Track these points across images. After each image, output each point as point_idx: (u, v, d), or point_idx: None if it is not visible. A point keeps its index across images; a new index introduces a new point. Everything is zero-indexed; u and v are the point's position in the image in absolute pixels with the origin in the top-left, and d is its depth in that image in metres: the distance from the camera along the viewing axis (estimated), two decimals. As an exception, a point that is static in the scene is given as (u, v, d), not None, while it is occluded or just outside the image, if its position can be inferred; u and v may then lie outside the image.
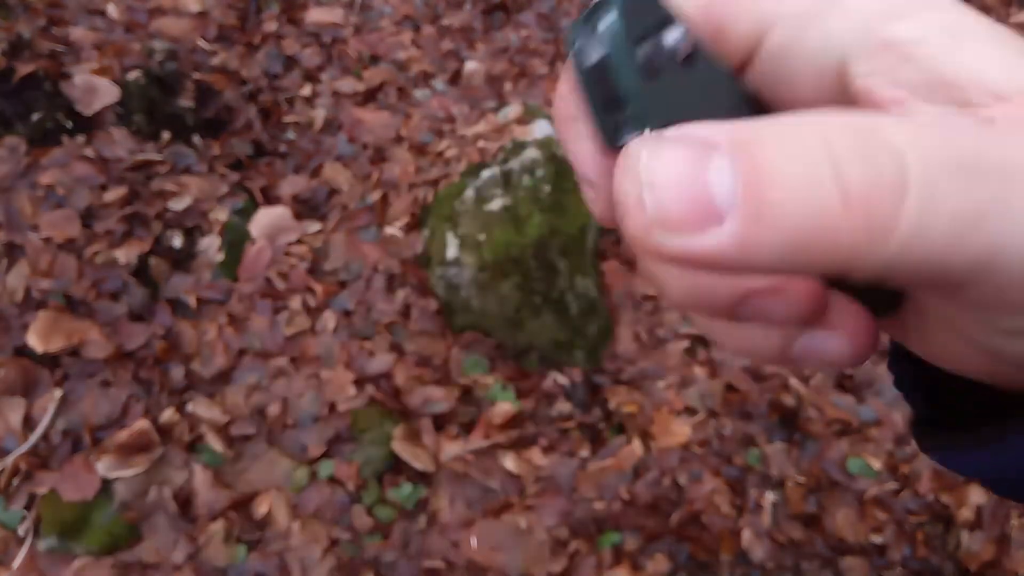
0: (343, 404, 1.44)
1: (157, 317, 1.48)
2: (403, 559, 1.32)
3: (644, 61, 0.17)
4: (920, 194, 0.14)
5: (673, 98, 0.17)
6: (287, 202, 1.76)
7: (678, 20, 0.18)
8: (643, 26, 0.17)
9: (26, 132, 1.56)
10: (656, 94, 0.17)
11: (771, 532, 1.38)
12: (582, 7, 2.43)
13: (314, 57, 2.12)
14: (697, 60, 0.18)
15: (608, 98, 0.18)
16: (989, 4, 2.33)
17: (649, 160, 0.15)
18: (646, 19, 0.17)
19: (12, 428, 1.30)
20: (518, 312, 1.56)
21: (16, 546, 1.23)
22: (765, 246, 0.14)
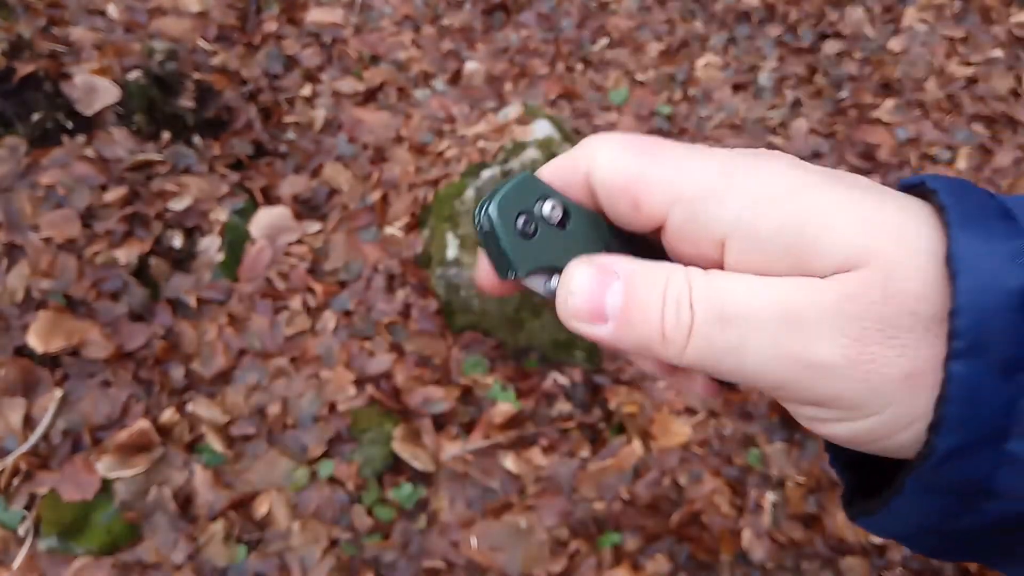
0: (343, 404, 1.44)
1: (157, 317, 1.48)
2: (403, 559, 1.32)
3: (521, 228, 0.27)
4: (697, 335, 0.24)
5: (548, 248, 0.27)
6: (287, 202, 1.76)
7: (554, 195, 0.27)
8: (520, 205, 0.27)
9: (26, 132, 1.56)
10: (531, 248, 0.27)
11: (771, 532, 1.38)
12: (581, 7, 2.43)
13: (314, 57, 2.12)
14: (570, 219, 0.28)
15: (498, 252, 0.27)
16: (989, 4, 2.33)
17: (577, 277, 0.26)
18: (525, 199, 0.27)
19: (12, 428, 1.30)
20: (518, 312, 1.56)
21: (16, 546, 1.23)
22: (626, 342, 0.25)
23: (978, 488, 0.22)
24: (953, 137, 2.05)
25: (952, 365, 0.20)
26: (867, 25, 2.34)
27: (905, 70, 2.21)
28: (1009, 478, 0.21)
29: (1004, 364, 0.20)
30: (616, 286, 0.25)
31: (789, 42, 2.33)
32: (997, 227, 0.21)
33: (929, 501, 0.23)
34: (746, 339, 0.23)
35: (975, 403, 0.21)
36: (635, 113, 2.12)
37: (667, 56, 2.31)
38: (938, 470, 0.22)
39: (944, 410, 0.21)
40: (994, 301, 0.20)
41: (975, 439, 0.21)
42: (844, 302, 0.22)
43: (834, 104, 2.16)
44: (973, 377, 0.20)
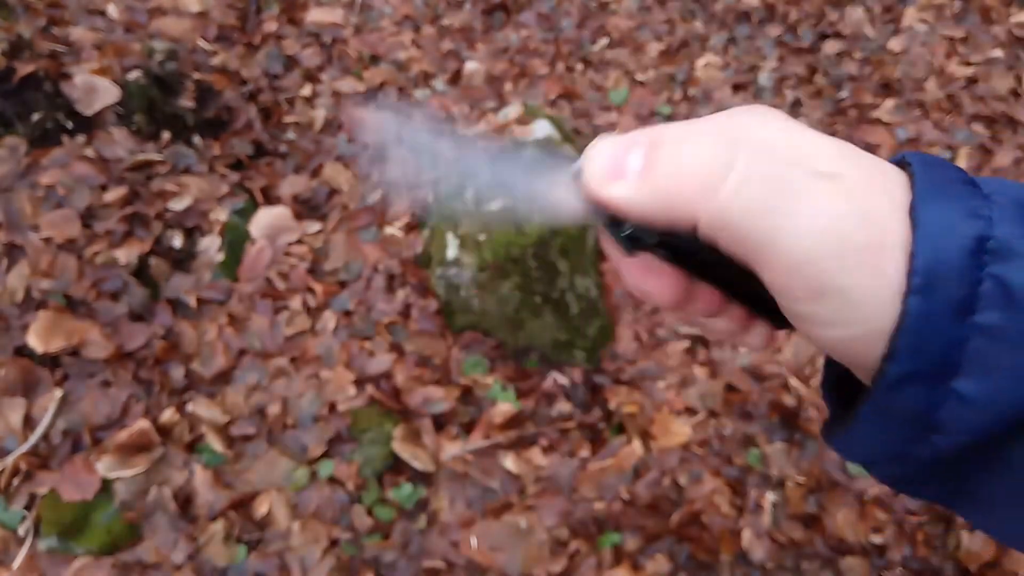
0: (343, 404, 1.44)
1: (157, 317, 1.48)
2: (403, 559, 1.32)
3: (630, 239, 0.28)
4: (738, 177, 0.24)
5: None
6: (287, 202, 1.76)
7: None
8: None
9: (26, 132, 1.56)
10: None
11: (771, 532, 1.38)
12: (581, 7, 2.43)
13: (314, 57, 2.12)
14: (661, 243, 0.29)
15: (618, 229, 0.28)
16: (989, 4, 2.33)
17: (600, 144, 0.27)
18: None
19: (12, 428, 1.30)
20: (518, 312, 1.56)
21: (16, 546, 1.23)
22: (645, 194, 0.26)
23: (924, 421, 0.23)
24: (953, 137, 2.05)
25: (909, 300, 0.22)
26: (867, 25, 2.34)
27: (905, 70, 2.21)
28: (952, 413, 0.23)
29: (956, 305, 0.22)
30: (637, 149, 0.26)
31: (789, 42, 2.33)
32: (958, 189, 0.24)
33: (882, 428, 0.25)
34: (792, 201, 0.23)
35: (926, 336, 0.22)
36: (635, 113, 2.12)
37: (667, 56, 2.30)
38: (888, 396, 0.24)
39: (898, 340, 0.23)
40: (948, 246, 0.22)
41: (923, 371, 0.23)
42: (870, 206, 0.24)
43: (834, 104, 2.16)
44: (926, 312, 0.22)
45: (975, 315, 0.22)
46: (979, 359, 0.22)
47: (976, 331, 0.22)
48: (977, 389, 0.22)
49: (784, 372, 1.58)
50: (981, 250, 0.22)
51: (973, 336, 0.22)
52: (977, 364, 0.22)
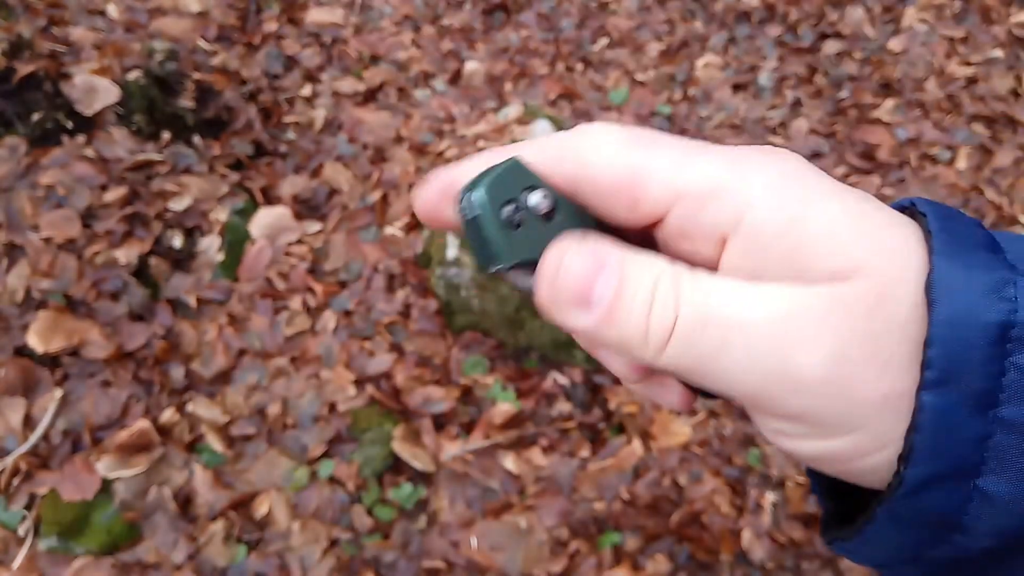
0: (343, 404, 1.44)
1: (157, 317, 1.48)
2: (403, 559, 1.32)
3: (506, 217, 0.25)
4: (678, 337, 0.23)
5: (533, 240, 0.25)
6: (287, 202, 1.76)
7: (542, 185, 0.25)
8: (507, 194, 0.25)
9: (26, 132, 1.56)
10: (516, 239, 0.25)
11: (771, 532, 1.38)
12: (581, 7, 2.43)
13: (314, 57, 2.12)
14: (558, 212, 0.26)
15: (481, 242, 0.25)
16: (989, 4, 2.33)
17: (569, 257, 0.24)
18: (512, 187, 0.25)
19: (12, 428, 1.30)
20: (518, 312, 1.56)
21: (16, 546, 1.23)
22: (606, 336, 0.24)
23: (948, 523, 0.21)
24: (953, 137, 2.05)
25: (923, 395, 0.20)
26: (867, 25, 2.34)
27: (905, 70, 2.21)
28: (979, 514, 0.21)
29: (977, 398, 0.20)
30: (608, 274, 0.24)
31: (789, 42, 2.33)
32: (980, 258, 0.21)
33: (900, 532, 0.23)
34: (727, 344, 0.22)
35: (945, 435, 0.20)
36: (635, 113, 2.12)
37: (667, 56, 2.31)
38: (908, 501, 0.21)
39: (914, 440, 0.21)
40: (969, 334, 0.20)
41: (945, 472, 0.21)
42: (833, 310, 0.21)
43: (834, 104, 2.16)
44: (944, 408, 0.20)
45: (998, 408, 0.20)
46: (1004, 455, 0.20)
47: (999, 426, 0.20)
48: (1004, 488, 0.20)
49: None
50: (1005, 338, 0.20)
51: (996, 431, 0.20)
52: (1002, 461, 0.20)
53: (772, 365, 0.22)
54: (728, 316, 0.22)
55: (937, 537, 0.22)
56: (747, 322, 0.22)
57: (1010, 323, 0.20)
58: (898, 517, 0.22)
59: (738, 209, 0.23)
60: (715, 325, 0.22)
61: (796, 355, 0.21)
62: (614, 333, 0.24)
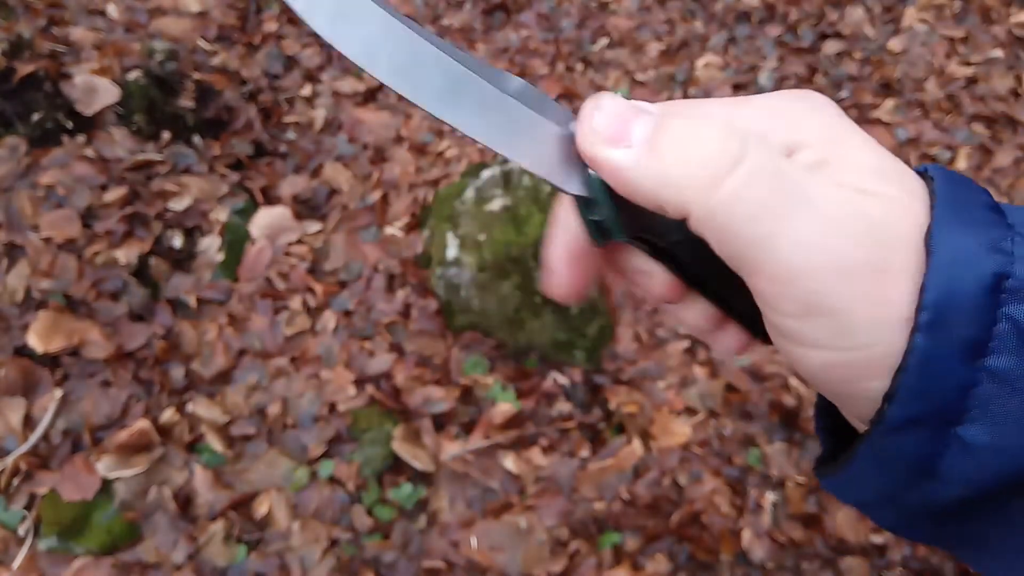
0: (343, 404, 1.44)
1: (157, 317, 1.48)
2: (403, 559, 1.32)
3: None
4: (744, 173, 0.22)
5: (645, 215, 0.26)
6: (287, 202, 1.76)
7: None
8: None
9: (26, 132, 1.56)
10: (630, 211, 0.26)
11: (771, 532, 1.38)
12: (581, 7, 2.43)
13: (314, 57, 2.12)
14: None
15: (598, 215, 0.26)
16: (989, 4, 2.33)
17: (608, 98, 0.25)
18: None
19: (12, 428, 1.30)
20: (518, 312, 1.56)
21: (16, 546, 1.23)
22: (647, 171, 0.23)
23: (923, 467, 0.22)
24: (953, 137, 2.05)
25: (916, 336, 0.21)
26: (867, 25, 2.34)
27: (905, 70, 2.21)
28: (954, 462, 0.21)
29: (965, 346, 0.20)
30: (646, 118, 0.24)
31: (789, 42, 2.33)
32: (981, 215, 0.22)
33: (878, 471, 0.23)
34: (797, 209, 0.22)
35: (931, 378, 0.21)
36: (635, 113, 2.12)
37: (667, 56, 2.30)
38: (887, 440, 0.22)
39: (900, 380, 0.21)
40: (963, 281, 0.20)
41: (926, 415, 0.21)
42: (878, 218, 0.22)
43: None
44: (933, 352, 0.21)
45: (987, 358, 0.20)
46: (987, 405, 0.21)
47: (986, 375, 0.20)
48: (982, 437, 0.21)
49: (784, 372, 1.58)
50: (999, 288, 0.20)
51: (983, 381, 0.20)
52: (985, 410, 0.21)
53: (831, 247, 0.22)
54: (803, 183, 0.22)
55: (910, 482, 0.23)
56: (819, 198, 0.22)
57: (1005, 274, 0.20)
58: (877, 456, 0.23)
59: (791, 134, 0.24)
60: (792, 188, 0.22)
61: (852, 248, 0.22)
62: (656, 169, 0.23)
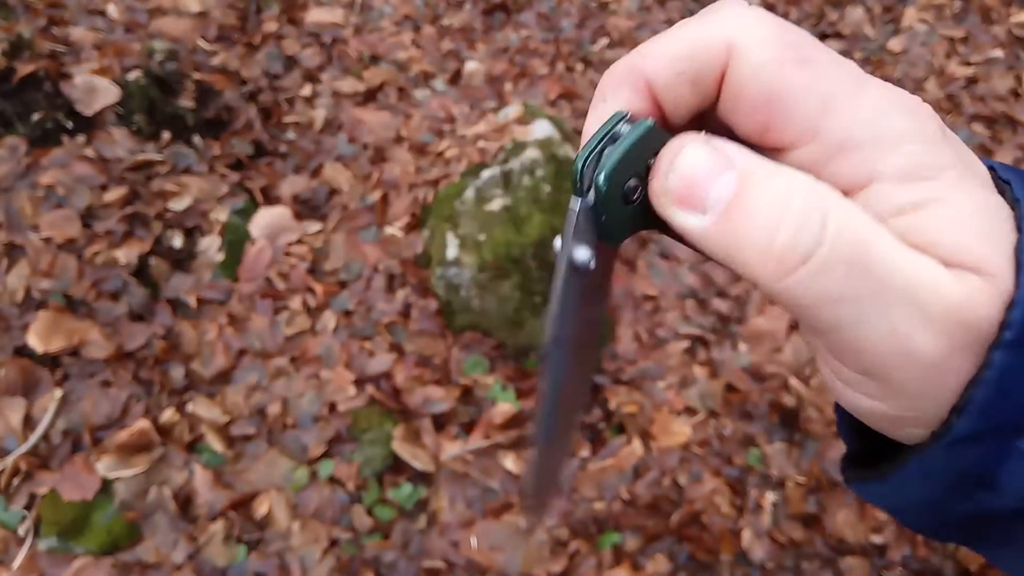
0: (343, 404, 1.44)
1: (157, 317, 1.48)
2: (403, 559, 1.32)
3: (625, 193, 0.23)
4: (817, 266, 0.20)
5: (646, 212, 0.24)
6: (287, 202, 1.76)
7: None
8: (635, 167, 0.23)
9: (26, 132, 1.56)
10: (628, 214, 0.24)
11: (771, 532, 1.38)
12: (581, 7, 2.43)
13: (314, 57, 2.12)
14: None
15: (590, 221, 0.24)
16: (989, 4, 2.33)
17: (689, 150, 0.22)
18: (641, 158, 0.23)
19: (12, 428, 1.30)
20: (518, 312, 1.56)
21: (16, 546, 1.23)
22: (717, 244, 0.22)
23: (981, 479, 0.21)
24: (953, 137, 2.05)
25: (996, 352, 0.20)
26: (867, 25, 2.34)
27: (905, 70, 2.21)
28: (1013, 474, 0.21)
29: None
30: (728, 176, 0.21)
31: (789, 42, 2.33)
32: None
33: (929, 482, 0.22)
34: (871, 298, 0.20)
35: (1005, 392, 0.20)
36: (635, 113, 2.12)
37: (667, 56, 2.30)
38: (947, 452, 0.21)
39: (973, 393, 0.20)
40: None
41: (993, 428, 0.21)
42: (964, 306, 0.20)
43: (834, 104, 2.16)
44: (1012, 368, 0.20)
45: None
46: None
47: None
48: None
49: (784, 372, 1.58)
50: None
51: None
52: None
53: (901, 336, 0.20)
54: (884, 267, 0.20)
55: (966, 492, 0.22)
56: (901, 284, 0.20)
57: None
58: (931, 468, 0.22)
59: (871, 171, 0.21)
60: (868, 270, 0.20)
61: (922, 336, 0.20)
62: (728, 242, 0.21)
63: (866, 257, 0.20)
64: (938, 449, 0.21)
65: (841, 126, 0.21)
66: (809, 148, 0.22)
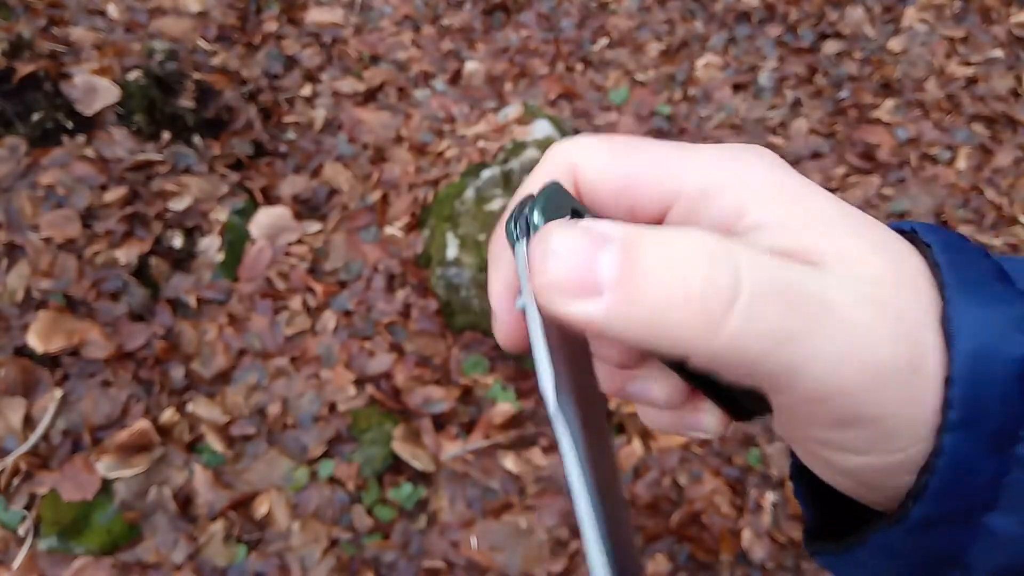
0: (343, 404, 1.44)
1: (157, 317, 1.48)
2: (403, 559, 1.32)
3: None
4: (747, 303, 0.18)
5: None
6: (287, 202, 1.76)
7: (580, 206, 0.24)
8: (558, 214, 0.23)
9: (26, 132, 1.56)
10: None
11: (771, 532, 1.38)
12: (581, 7, 2.43)
13: (314, 57, 2.12)
14: None
15: None
16: (989, 4, 2.33)
17: (558, 235, 0.20)
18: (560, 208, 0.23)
19: (12, 428, 1.30)
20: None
21: (16, 546, 1.23)
22: (627, 321, 0.19)
23: (947, 559, 0.21)
24: (953, 137, 2.05)
25: (945, 437, 0.19)
26: (867, 25, 2.34)
27: (905, 70, 2.21)
28: (982, 552, 0.20)
29: (997, 436, 0.19)
30: (610, 248, 0.19)
31: (789, 42, 2.33)
32: (995, 291, 0.20)
33: (894, 562, 0.21)
34: (819, 324, 0.19)
35: (960, 477, 0.19)
36: (635, 113, 2.12)
37: (667, 56, 2.31)
38: (909, 536, 0.20)
39: (927, 480, 0.19)
40: (993, 370, 0.19)
41: (953, 513, 0.20)
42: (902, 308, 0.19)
43: (834, 104, 2.16)
44: (963, 451, 0.19)
45: (1017, 446, 0.19)
46: (1017, 493, 0.19)
47: (1016, 464, 0.19)
48: (1011, 527, 0.20)
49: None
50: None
51: (1013, 469, 0.19)
52: (1015, 499, 0.19)
53: (861, 354, 0.19)
54: (815, 293, 0.19)
55: (930, 572, 0.21)
56: (839, 304, 0.19)
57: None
58: (894, 547, 0.21)
59: (740, 204, 0.22)
60: (804, 302, 0.19)
61: (882, 346, 0.19)
62: (641, 314, 0.19)
63: (793, 284, 0.19)
64: (898, 532, 0.20)
65: (694, 178, 0.22)
66: (677, 208, 0.23)
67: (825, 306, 0.19)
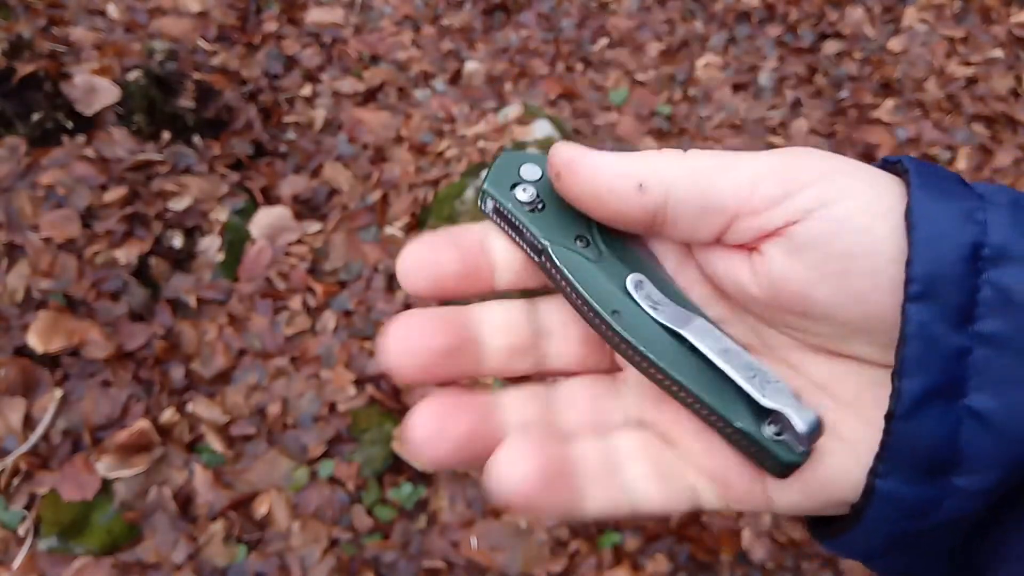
0: (343, 404, 1.44)
1: (157, 317, 1.48)
2: (403, 559, 1.32)
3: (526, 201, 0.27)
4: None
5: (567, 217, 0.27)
6: (287, 202, 1.76)
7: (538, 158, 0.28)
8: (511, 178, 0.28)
9: (26, 132, 1.56)
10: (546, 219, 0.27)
11: (771, 532, 1.38)
12: (581, 7, 2.43)
13: (314, 57, 2.12)
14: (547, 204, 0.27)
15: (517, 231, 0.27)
16: (989, 4, 2.33)
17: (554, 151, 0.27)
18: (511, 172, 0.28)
19: (12, 428, 1.30)
20: (518, 312, 1.56)
21: (16, 546, 1.23)
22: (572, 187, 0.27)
23: (946, 456, 0.22)
24: (953, 137, 2.05)
25: (909, 307, 0.21)
26: (867, 25, 2.34)
27: (905, 70, 2.21)
28: (974, 437, 0.21)
29: (956, 313, 0.21)
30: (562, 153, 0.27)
31: (789, 42, 2.33)
32: (953, 190, 0.23)
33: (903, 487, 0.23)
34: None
35: (931, 346, 0.21)
36: (635, 113, 2.12)
37: (667, 56, 2.30)
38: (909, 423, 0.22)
39: (905, 352, 0.21)
40: (946, 251, 0.21)
41: (935, 387, 0.21)
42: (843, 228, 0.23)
43: (834, 104, 2.16)
44: (927, 320, 0.21)
45: (975, 323, 0.21)
46: (987, 371, 0.21)
47: (978, 341, 0.21)
48: (990, 403, 0.21)
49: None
50: (977, 256, 0.21)
51: (976, 346, 0.21)
52: (985, 376, 0.21)
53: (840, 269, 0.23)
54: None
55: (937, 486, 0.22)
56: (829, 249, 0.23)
57: (980, 243, 0.21)
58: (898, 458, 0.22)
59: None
60: None
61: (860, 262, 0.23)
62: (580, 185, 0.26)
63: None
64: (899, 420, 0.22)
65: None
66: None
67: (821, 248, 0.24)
